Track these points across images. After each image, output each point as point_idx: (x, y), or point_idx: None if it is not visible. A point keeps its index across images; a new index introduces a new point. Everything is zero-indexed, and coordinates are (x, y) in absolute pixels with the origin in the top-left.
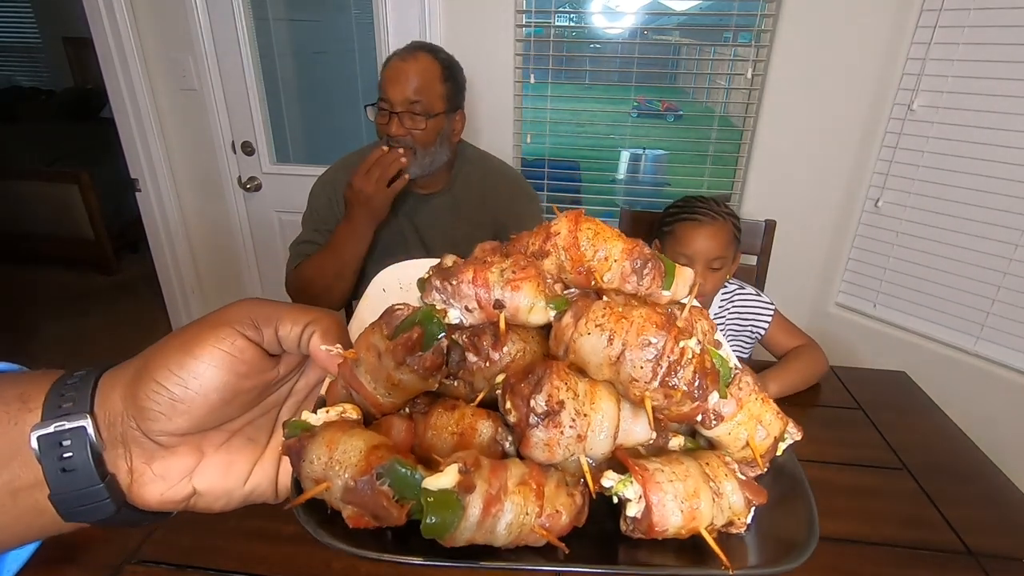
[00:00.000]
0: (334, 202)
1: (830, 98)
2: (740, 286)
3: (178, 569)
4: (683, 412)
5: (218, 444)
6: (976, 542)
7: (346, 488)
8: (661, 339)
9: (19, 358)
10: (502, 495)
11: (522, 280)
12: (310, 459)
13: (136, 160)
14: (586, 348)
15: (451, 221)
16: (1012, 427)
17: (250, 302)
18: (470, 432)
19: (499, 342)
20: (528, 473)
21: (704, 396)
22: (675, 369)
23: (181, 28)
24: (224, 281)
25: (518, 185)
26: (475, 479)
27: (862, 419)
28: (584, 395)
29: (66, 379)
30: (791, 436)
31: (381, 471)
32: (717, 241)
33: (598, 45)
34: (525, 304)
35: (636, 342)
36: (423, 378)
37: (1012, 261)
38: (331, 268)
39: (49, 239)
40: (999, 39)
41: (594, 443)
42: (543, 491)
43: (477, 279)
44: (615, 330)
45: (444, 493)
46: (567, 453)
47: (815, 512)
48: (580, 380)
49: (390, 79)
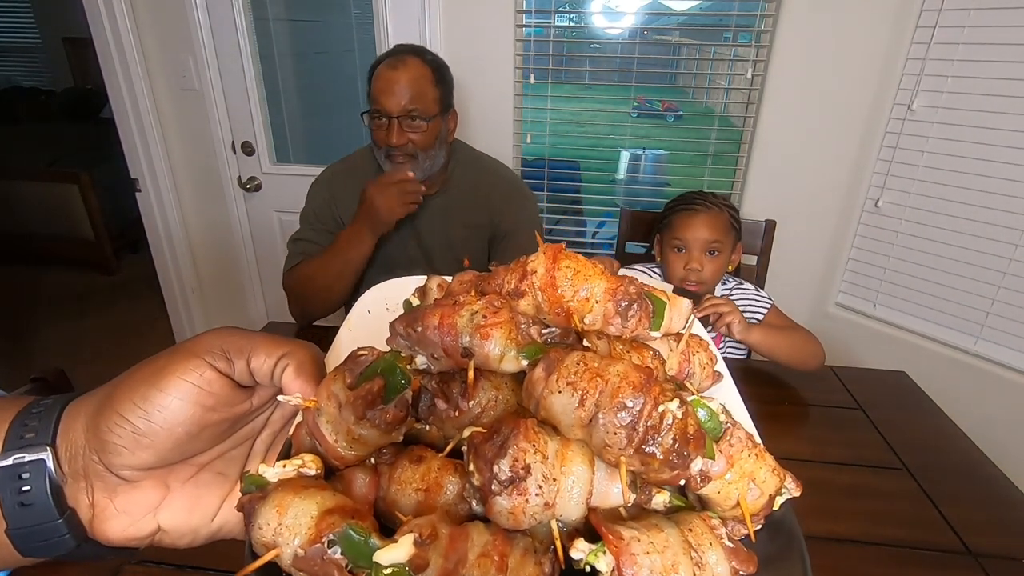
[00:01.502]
0: (331, 202)
1: (830, 98)
2: (739, 281)
3: (178, 569)
4: (663, 479)
5: (185, 478)
6: (976, 542)
7: (295, 556)
8: (638, 403)
9: (19, 358)
10: (459, 569)
11: (492, 327)
12: (258, 524)
13: (136, 160)
14: (556, 407)
15: (447, 222)
16: (1012, 427)
17: (223, 331)
18: (435, 488)
19: (468, 393)
20: (491, 542)
21: (685, 464)
22: (653, 436)
23: (181, 28)
24: (224, 281)
25: (513, 185)
26: (431, 553)
27: (862, 419)
28: (554, 457)
29: (31, 408)
30: (788, 491)
31: (333, 538)
32: (712, 227)
33: (598, 45)
34: (495, 353)
35: (610, 405)
36: (385, 433)
37: (1012, 261)
38: (332, 268)
39: (49, 239)
40: (999, 39)
41: (564, 509)
42: (506, 563)
43: (443, 325)
44: (588, 390)
45: (395, 568)
46: (534, 521)
47: (809, 573)
48: (551, 439)
49: (383, 89)
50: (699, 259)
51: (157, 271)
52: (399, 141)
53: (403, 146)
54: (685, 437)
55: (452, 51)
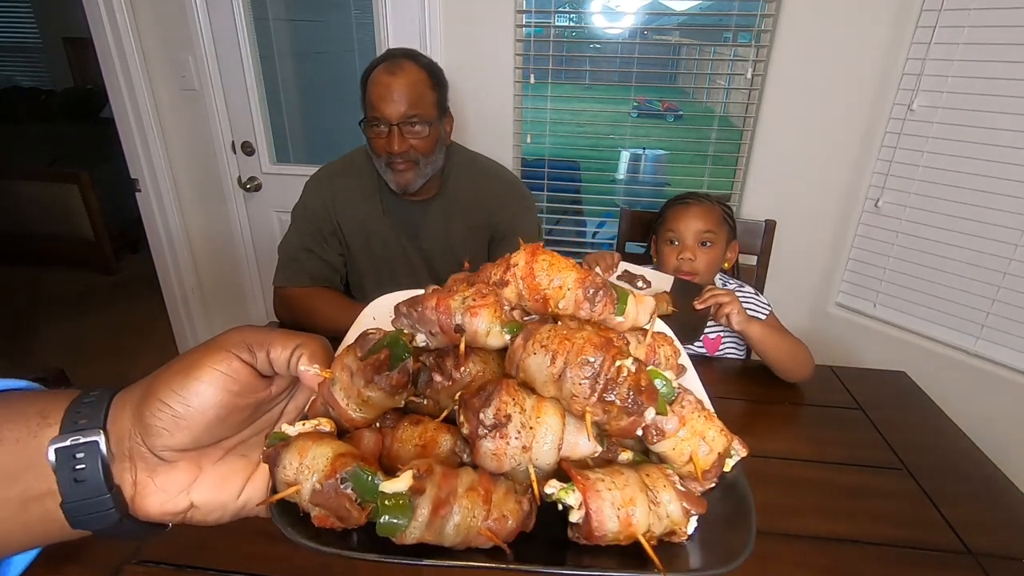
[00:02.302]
0: (329, 203)
1: (830, 98)
2: (740, 284)
3: (178, 569)
4: (622, 426)
5: (215, 460)
6: (976, 542)
7: (313, 491)
8: (599, 358)
9: (19, 358)
10: (451, 499)
11: (480, 307)
12: (283, 464)
13: (136, 160)
14: (532, 367)
15: (446, 225)
16: (1012, 427)
17: (244, 328)
18: (431, 444)
19: (459, 363)
20: (477, 480)
21: (640, 411)
22: (611, 386)
23: (181, 28)
24: (224, 281)
25: (511, 185)
26: (426, 484)
27: (862, 419)
28: (531, 410)
29: (82, 398)
30: (737, 453)
31: (344, 476)
32: (705, 218)
33: (598, 45)
34: (483, 329)
35: (576, 361)
36: (390, 395)
37: (1012, 261)
38: (333, 323)
39: (49, 239)
40: (999, 39)
41: (540, 454)
42: (491, 497)
43: (440, 306)
44: (558, 350)
45: (397, 495)
46: (514, 463)
47: (753, 526)
48: (528, 397)
49: (382, 96)
50: (692, 249)
51: (157, 271)
52: (401, 148)
53: (404, 153)
54: (639, 388)
55: (452, 51)
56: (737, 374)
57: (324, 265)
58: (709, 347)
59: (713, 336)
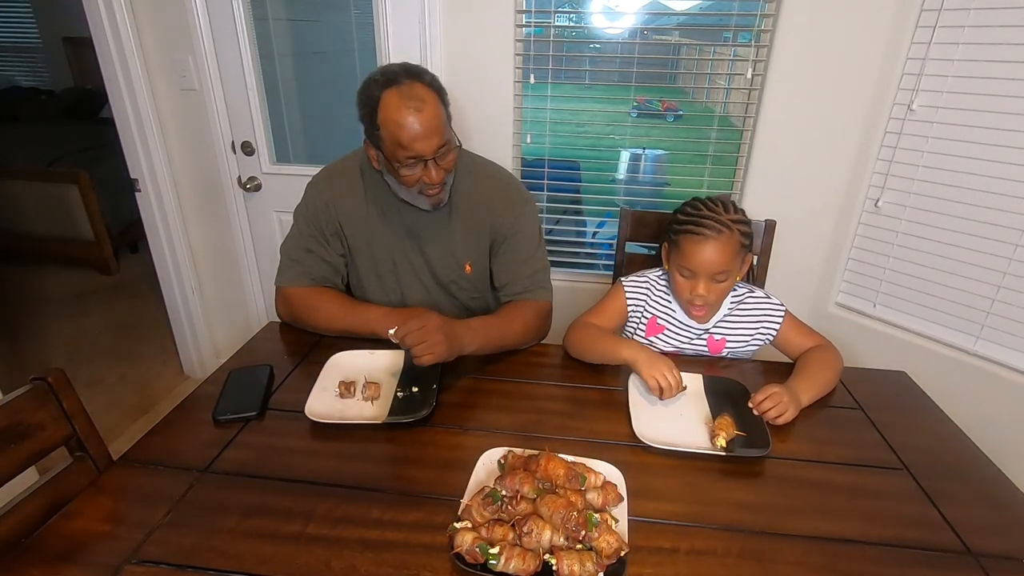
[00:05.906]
0: (330, 206)
1: (830, 98)
2: (750, 289)
3: (178, 569)
4: (576, 536)
5: None
6: (976, 542)
7: (466, 548)
8: (568, 511)
9: (19, 358)
10: (510, 559)
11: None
12: (457, 539)
13: (136, 160)
14: (543, 511)
15: (449, 231)
16: (1012, 427)
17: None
18: (507, 534)
19: (516, 503)
20: (520, 552)
21: (580, 531)
22: (569, 520)
23: (181, 28)
24: (224, 281)
25: (511, 187)
26: (504, 549)
27: (862, 419)
28: (540, 527)
29: None
30: (624, 548)
31: (479, 546)
32: (720, 255)
33: (598, 45)
34: (527, 493)
35: (561, 510)
36: (492, 512)
37: (1012, 261)
38: (338, 324)
39: (49, 239)
40: (999, 39)
41: (543, 542)
42: (525, 555)
43: (509, 484)
44: (556, 505)
45: (493, 555)
46: (533, 544)
47: None
48: (540, 521)
49: (417, 137)
50: (706, 286)
51: (157, 271)
52: (439, 179)
53: (443, 180)
54: (582, 522)
55: (452, 51)
56: (737, 374)
57: (326, 266)
58: (712, 348)
59: (718, 338)
